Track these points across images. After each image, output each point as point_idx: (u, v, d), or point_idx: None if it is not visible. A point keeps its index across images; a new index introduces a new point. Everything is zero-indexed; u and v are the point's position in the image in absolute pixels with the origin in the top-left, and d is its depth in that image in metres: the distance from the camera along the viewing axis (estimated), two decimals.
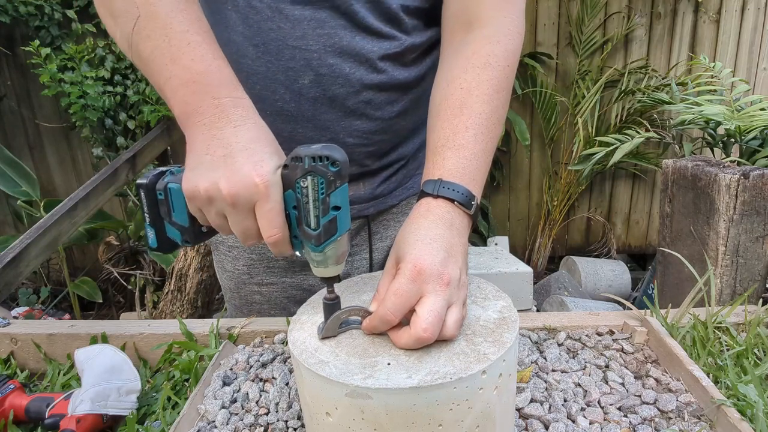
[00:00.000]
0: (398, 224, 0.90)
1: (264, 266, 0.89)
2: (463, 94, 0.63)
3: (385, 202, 0.87)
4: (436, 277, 0.50)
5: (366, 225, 0.88)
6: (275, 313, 0.93)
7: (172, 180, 0.58)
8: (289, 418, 0.66)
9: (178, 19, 0.56)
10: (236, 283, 0.92)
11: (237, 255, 0.90)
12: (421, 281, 0.50)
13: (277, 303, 0.92)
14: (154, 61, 0.57)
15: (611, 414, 0.65)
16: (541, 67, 2.91)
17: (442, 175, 0.59)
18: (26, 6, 2.66)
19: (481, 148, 0.61)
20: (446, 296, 0.50)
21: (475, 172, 0.60)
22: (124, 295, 3.01)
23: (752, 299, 1.13)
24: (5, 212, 3.22)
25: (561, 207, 3.11)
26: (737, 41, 2.95)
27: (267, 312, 0.93)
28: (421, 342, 0.49)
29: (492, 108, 0.63)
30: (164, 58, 0.56)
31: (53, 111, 3.02)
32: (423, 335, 0.48)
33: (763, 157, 1.89)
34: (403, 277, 0.50)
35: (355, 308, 0.55)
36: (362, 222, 0.88)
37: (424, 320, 0.48)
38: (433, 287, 0.50)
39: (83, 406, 0.68)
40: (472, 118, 0.62)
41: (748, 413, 0.61)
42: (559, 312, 0.89)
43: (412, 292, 0.50)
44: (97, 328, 0.88)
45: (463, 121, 0.62)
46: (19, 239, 1.74)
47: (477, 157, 0.60)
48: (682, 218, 1.30)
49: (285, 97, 0.73)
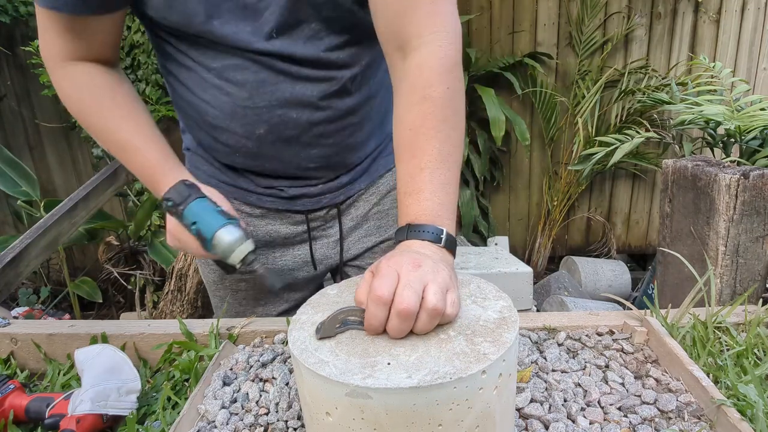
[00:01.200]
0: (365, 202, 1.00)
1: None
2: (411, 135, 0.68)
3: (353, 189, 0.97)
4: (408, 263, 0.54)
5: (336, 207, 0.98)
6: (261, 297, 1.01)
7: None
8: (289, 418, 0.66)
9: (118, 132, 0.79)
10: (220, 274, 1.01)
11: None
12: (396, 266, 0.54)
13: (262, 288, 1.00)
14: (117, 156, 0.82)
15: (611, 414, 0.65)
16: (541, 67, 2.91)
17: (408, 221, 0.64)
18: (26, 6, 2.66)
19: (440, 182, 0.65)
20: (419, 274, 0.53)
21: (438, 208, 0.64)
22: (124, 295, 3.01)
23: (752, 299, 1.13)
24: (5, 212, 3.22)
25: (561, 207, 3.11)
26: (737, 41, 2.95)
27: (252, 297, 1.01)
28: (403, 315, 0.51)
29: (441, 140, 0.67)
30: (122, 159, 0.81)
31: (53, 111, 3.02)
32: (401, 307, 0.50)
33: (763, 157, 1.89)
34: (381, 267, 0.55)
35: (353, 308, 0.55)
36: (333, 206, 0.98)
37: (399, 293, 0.51)
38: (405, 268, 0.54)
39: (83, 406, 0.68)
40: (424, 158, 0.66)
41: (748, 413, 0.61)
42: (559, 312, 0.89)
43: (392, 273, 0.53)
44: (97, 328, 0.88)
45: (416, 163, 0.66)
46: (19, 239, 1.74)
47: (436, 194, 0.65)
48: (682, 218, 1.30)
49: (247, 144, 0.86)
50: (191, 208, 0.68)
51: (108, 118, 0.79)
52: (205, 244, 0.69)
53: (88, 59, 0.79)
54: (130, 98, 0.82)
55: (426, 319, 0.52)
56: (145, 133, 0.80)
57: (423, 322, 0.52)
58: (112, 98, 0.80)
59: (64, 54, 0.77)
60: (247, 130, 0.83)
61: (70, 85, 0.79)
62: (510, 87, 2.87)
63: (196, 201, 0.68)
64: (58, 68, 0.78)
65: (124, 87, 0.82)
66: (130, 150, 0.79)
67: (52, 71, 0.79)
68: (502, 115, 2.73)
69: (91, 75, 0.79)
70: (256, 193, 0.94)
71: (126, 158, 0.80)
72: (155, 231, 2.60)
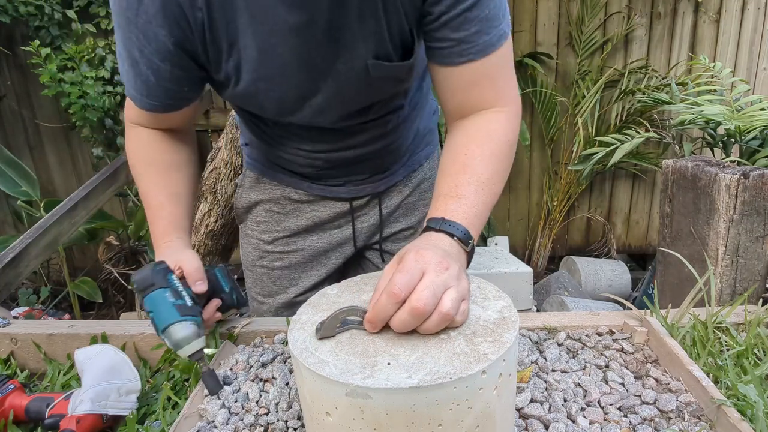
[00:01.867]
0: (399, 193, 1.09)
1: (285, 237, 1.08)
2: (466, 158, 0.73)
3: (393, 180, 1.06)
4: (437, 263, 0.55)
5: (378, 197, 1.08)
6: (294, 276, 1.10)
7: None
8: (289, 418, 0.66)
9: (152, 192, 0.86)
10: (260, 253, 1.10)
11: (263, 228, 1.09)
12: (423, 263, 0.55)
13: (296, 266, 1.09)
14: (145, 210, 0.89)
15: (611, 414, 0.65)
16: (541, 67, 2.91)
17: (444, 215, 0.67)
18: (26, 6, 2.66)
19: (481, 200, 0.70)
20: (444, 277, 0.54)
21: (474, 219, 0.68)
22: (124, 295, 3.01)
23: (752, 299, 1.13)
24: (5, 212, 3.22)
25: (561, 207, 3.11)
26: (737, 41, 2.95)
27: (286, 277, 1.10)
28: (415, 313, 0.51)
29: (492, 170, 0.73)
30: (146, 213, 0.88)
31: (53, 111, 3.02)
32: (416, 305, 0.51)
33: (763, 157, 1.89)
34: (407, 260, 0.55)
35: (354, 308, 0.55)
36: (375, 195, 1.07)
37: (419, 291, 0.52)
38: (433, 268, 0.54)
39: (83, 406, 0.68)
40: (474, 176, 0.71)
41: (748, 413, 0.61)
42: (559, 312, 0.89)
43: (416, 270, 0.54)
44: (97, 328, 0.88)
45: (466, 178, 0.71)
46: (19, 239, 1.74)
47: (476, 207, 0.69)
48: (682, 218, 1.30)
49: (307, 170, 1.01)
50: (150, 298, 0.72)
51: (148, 177, 0.87)
52: (157, 332, 0.73)
53: (160, 129, 0.88)
54: (176, 164, 0.89)
55: (436, 321, 0.52)
56: (167, 199, 0.87)
57: (432, 323, 0.52)
58: (160, 161, 0.87)
59: (139, 121, 0.86)
60: (310, 163, 0.98)
61: (134, 144, 0.88)
62: None
63: (156, 291, 0.71)
64: (131, 127, 0.88)
65: (181, 154, 0.90)
66: (150, 208, 0.87)
67: (126, 128, 0.89)
68: None
69: (152, 139, 0.87)
70: (308, 182, 1.04)
71: (147, 216, 0.88)
72: None
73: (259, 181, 1.07)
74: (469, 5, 0.68)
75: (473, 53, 0.71)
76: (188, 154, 0.91)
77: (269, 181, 1.06)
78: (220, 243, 1.76)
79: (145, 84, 0.76)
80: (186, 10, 0.68)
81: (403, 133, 1.00)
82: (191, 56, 0.74)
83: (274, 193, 1.06)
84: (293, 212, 1.06)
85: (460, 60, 0.72)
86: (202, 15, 0.69)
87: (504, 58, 0.75)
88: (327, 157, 0.97)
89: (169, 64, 0.73)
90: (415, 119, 1.02)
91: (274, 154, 1.01)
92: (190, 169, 0.92)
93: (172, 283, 0.74)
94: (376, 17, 0.72)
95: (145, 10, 0.67)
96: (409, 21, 0.74)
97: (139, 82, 0.77)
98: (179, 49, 0.72)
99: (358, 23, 0.72)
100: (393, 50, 0.77)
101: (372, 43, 0.75)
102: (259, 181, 1.07)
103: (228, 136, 1.70)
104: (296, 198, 1.05)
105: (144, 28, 0.69)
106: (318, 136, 0.92)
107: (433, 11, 0.70)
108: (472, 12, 0.69)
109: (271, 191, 1.06)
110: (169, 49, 0.72)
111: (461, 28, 0.70)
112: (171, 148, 0.88)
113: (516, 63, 2.89)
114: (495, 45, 0.72)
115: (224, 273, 0.87)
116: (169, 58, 0.73)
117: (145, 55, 0.72)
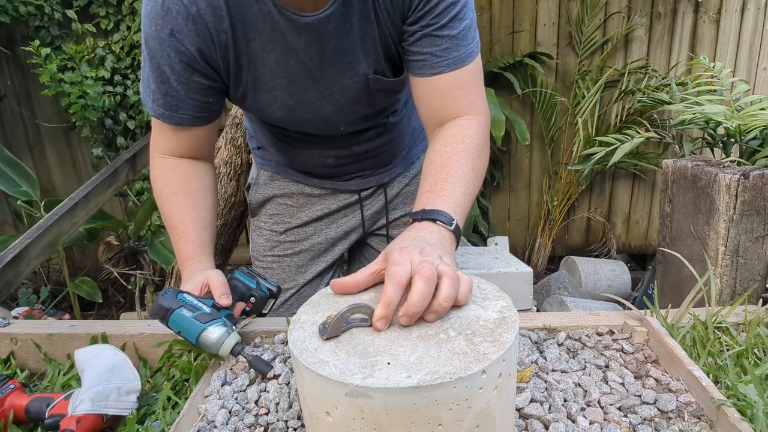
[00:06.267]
0: (399, 183, 1.22)
1: (296, 227, 1.19)
2: (443, 159, 0.81)
3: (395, 171, 1.20)
4: (418, 252, 0.60)
5: (383, 187, 1.21)
6: (303, 264, 1.20)
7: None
8: (289, 418, 0.66)
9: (178, 218, 0.92)
10: (272, 243, 1.20)
11: (277, 221, 1.20)
12: (409, 255, 0.60)
13: (305, 254, 1.19)
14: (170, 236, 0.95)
15: (611, 414, 0.65)
16: (541, 67, 2.90)
17: (425, 207, 0.73)
18: (26, 6, 2.66)
19: (460, 191, 0.76)
20: (430, 258, 0.59)
21: (454, 205, 0.73)
22: (124, 295, 3.01)
23: (752, 299, 1.13)
24: (5, 212, 3.22)
25: (561, 207, 3.11)
26: (737, 41, 2.94)
27: (296, 265, 1.19)
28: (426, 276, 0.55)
29: (468, 167, 0.80)
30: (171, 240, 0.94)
31: (53, 111, 3.02)
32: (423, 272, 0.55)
33: (763, 157, 1.89)
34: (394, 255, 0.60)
35: (358, 306, 0.55)
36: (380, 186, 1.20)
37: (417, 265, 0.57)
38: (417, 257, 0.59)
39: (83, 406, 0.68)
40: (450, 173, 0.78)
41: (748, 413, 0.61)
42: (559, 312, 0.89)
43: (405, 260, 0.58)
44: (97, 328, 0.88)
45: (443, 175, 0.78)
46: (19, 239, 1.74)
47: (454, 196, 0.75)
48: (682, 218, 1.30)
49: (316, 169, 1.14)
50: (172, 321, 0.75)
51: (173, 203, 0.93)
52: (194, 346, 0.76)
53: (183, 156, 0.94)
54: (200, 191, 0.95)
55: (448, 284, 0.55)
56: (193, 225, 0.92)
57: (446, 288, 0.55)
58: (185, 188, 0.94)
59: (164, 150, 0.93)
60: (321, 162, 1.10)
61: (159, 173, 0.94)
62: (510, 87, 2.87)
63: (174, 313, 0.75)
64: (156, 158, 0.94)
65: (203, 181, 0.96)
66: (177, 233, 0.92)
67: (152, 160, 0.95)
68: (502, 115, 2.73)
69: (177, 166, 0.94)
70: (318, 178, 1.15)
71: (172, 241, 0.93)
72: (155, 231, 2.60)
73: (273, 179, 1.18)
74: (440, 26, 0.81)
75: (444, 66, 0.83)
76: (210, 182, 0.99)
77: (283, 178, 1.17)
78: (220, 243, 1.76)
79: (174, 98, 0.85)
80: (212, 32, 0.80)
81: (400, 131, 1.13)
82: (215, 70, 0.85)
83: (289, 189, 1.17)
84: (306, 205, 1.18)
85: (433, 72, 0.84)
86: (227, 37, 0.80)
87: (473, 74, 0.86)
88: (336, 155, 1.09)
89: (197, 75, 0.84)
90: (410, 119, 1.15)
91: (288, 157, 1.13)
92: (213, 195, 0.99)
93: (184, 300, 0.78)
94: (374, 41, 0.85)
95: (179, 30, 0.79)
96: (394, 43, 0.87)
97: (169, 98, 0.85)
98: (206, 63, 0.83)
99: (361, 45, 0.85)
100: (387, 68, 0.90)
101: (371, 61, 0.88)
102: (274, 179, 1.18)
103: (227, 136, 1.70)
104: (309, 192, 1.17)
105: (177, 46, 0.80)
106: (327, 140, 1.05)
107: (410, 30, 0.83)
108: (442, 31, 0.81)
109: (285, 187, 1.18)
110: (198, 63, 0.82)
111: (433, 44, 0.82)
112: (195, 176, 0.95)
113: (516, 63, 2.89)
114: (465, 61, 0.84)
115: (245, 273, 0.90)
116: (198, 71, 0.83)
117: (176, 71, 0.82)
